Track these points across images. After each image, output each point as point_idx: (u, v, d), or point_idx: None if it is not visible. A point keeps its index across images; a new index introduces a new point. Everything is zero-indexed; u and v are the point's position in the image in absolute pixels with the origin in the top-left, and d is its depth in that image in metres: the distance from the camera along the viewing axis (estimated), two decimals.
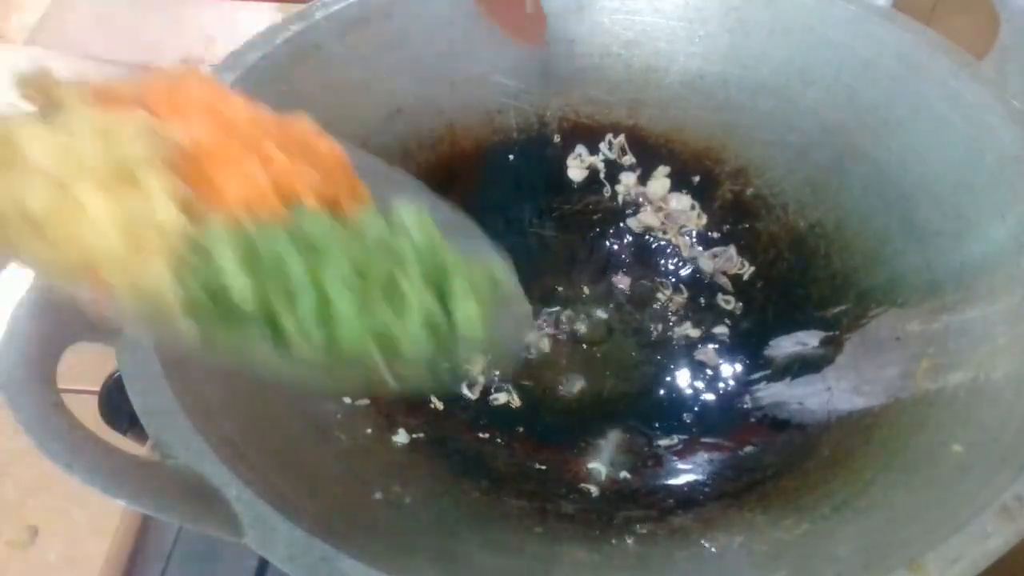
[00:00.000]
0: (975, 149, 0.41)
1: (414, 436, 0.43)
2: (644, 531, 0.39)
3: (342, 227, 0.25)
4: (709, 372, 0.49)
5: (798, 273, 0.49)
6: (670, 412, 0.48)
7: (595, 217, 0.55)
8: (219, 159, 0.25)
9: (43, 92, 0.25)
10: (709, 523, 0.38)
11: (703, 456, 0.45)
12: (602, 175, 0.55)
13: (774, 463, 0.42)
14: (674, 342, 0.51)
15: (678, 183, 0.54)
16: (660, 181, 0.54)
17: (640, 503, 0.42)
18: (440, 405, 0.46)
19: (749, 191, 0.52)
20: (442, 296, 0.25)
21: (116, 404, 0.55)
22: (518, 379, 0.48)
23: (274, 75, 0.44)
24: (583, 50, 0.52)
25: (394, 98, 0.46)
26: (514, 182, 0.54)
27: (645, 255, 0.54)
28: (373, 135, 0.50)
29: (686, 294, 0.52)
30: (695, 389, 0.49)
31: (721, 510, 0.39)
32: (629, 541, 0.38)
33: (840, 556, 0.32)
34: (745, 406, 0.47)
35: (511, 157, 0.54)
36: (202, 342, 0.23)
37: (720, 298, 0.51)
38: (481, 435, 0.46)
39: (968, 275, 0.40)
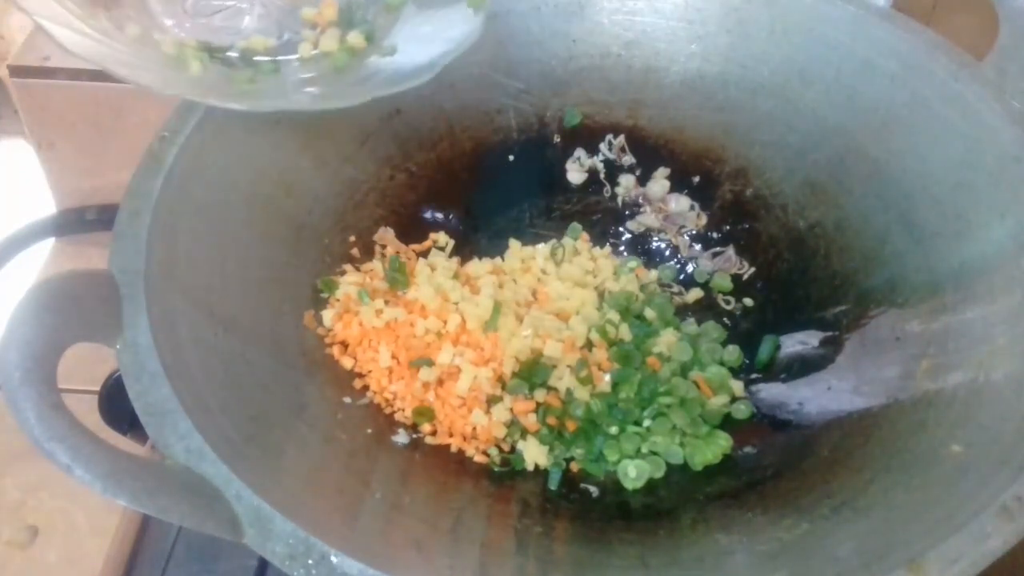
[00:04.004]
0: (975, 149, 0.41)
1: (414, 436, 0.43)
2: (644, 531, 0.39)
3: None
4: None
5: (798, 273, 0.49)
6: None
7: (595, 217, 0.55)
8: None
9: None
10: (709, 523, 0.38)
11: None
12: (602, 176, 0.55)
13: (774, 463, 0.42)
14: None
15: (678, 184, 0.54)
16: (660, 182, 0.54)
17: (640, 503, 0.42)
18: None
19: (749, 191, 0.52)
20: None
21: (116, 404, 0.55)
22: None
23: None
24: (583, 50, 0.52)
25: (393, 98, 0.46)
26: (514, 182, 0.54)
27: (645, 256, 0.54)
28: (373, 135, 0.50)
29: (686, 294, 0.52)
30: None
31: (721, 510, 0.39)
32: (629, 541, 0.38)
33: (840, 556, 0.32)
34: None
35: (511, 157, 0.54)
36: None
37: (720, 298, 0.51)
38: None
39: (968, 275, 0.40)
